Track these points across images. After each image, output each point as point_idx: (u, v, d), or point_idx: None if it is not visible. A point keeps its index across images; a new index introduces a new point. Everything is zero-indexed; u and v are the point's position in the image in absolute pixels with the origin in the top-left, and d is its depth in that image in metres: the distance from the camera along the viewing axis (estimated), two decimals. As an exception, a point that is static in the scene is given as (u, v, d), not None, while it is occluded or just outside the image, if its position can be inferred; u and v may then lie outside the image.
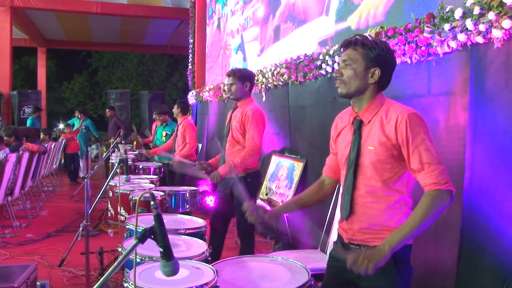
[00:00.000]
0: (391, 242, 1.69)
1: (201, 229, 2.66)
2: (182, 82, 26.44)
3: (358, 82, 1.84)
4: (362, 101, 1.88)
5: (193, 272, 1.88)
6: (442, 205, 1.70)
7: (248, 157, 3.59)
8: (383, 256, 1.66)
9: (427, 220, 1.69)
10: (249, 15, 7.17)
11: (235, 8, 8.00)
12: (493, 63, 2.41)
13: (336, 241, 2.05)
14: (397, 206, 1.82)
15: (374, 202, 1.83)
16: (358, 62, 1.84)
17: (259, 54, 6.70)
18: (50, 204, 7.70)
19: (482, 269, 2.38)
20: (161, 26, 14.01)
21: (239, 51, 7.81)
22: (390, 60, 1.84)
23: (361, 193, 1.86)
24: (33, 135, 7.36)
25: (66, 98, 31.91)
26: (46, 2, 11.52)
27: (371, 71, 1.83)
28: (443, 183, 1.70)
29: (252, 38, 7.05)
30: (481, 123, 2.48)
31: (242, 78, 3.72)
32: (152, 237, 1.34)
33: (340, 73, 1.88)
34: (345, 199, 1.90)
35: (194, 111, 10.45)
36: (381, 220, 1.82)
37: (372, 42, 1.84)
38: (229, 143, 3.77)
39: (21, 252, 4.78)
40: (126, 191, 4.04)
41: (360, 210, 1.86)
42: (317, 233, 3.85)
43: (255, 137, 3.63)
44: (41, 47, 16.61)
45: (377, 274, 1.67)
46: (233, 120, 3.76)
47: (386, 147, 1.79)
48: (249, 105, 3.75)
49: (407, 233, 1.69)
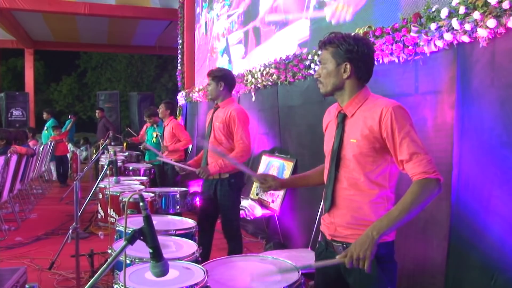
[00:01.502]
0: (379, 227, 1.70)
1: (191, 230, 2.66)
2: (172, 83, 26.38)
3: (332, 80, 1.89)
4: (344, 96, 1.92)
5: (183, 273, 1.88)
6: (431, 193, 1.72)
7: (238, 157, 3.58)
8: (373, 243, 1.67)
9: (416, 207, 1.71)
10: (234, 19, 7.25)
11: (220, 12, 8.06)
12: (479, 61, 2.44)
13: (320, 240, 2.07)
14: (380, 200, 1.84)
15: (357, 195, 1.86)
16: (328, 61, 1.89)
17: (244, 57, 6.78)
18: (39, 206, 7.64)
19: (471, 265, 2.41)
20: (150, 26, 13.94)
21: (224, 54, 7.90)
22: (361, 52, 1.85)
23: (343, 186, 1.89)
24: (22, 137, 7.31)
25: (54, 100, 31.67)
26: (33, 3, 11.40)
27: (342, 66, 1.87)
28: (432, 171, 1.72)
29: (237, 41, 7.15)
30: (468, 121, 2.51)
31: (216, 78, 3.71)
32: (141, 238, 1.34)
33: (318, 74, 1.94)
34: (327, 191, 1.94)
35: (184, 111, 10.43)
36: (363, 214, 1.83)
37: (340, 38, 1.87)
38: (211, 144, 3.74)
39: (10, 255, 4.74)
40: (116, 192, 4.02)
41: (342, 203, 1.88)
42: (308, 232, 3.87)
43: (243, 137, 3.63)
44: (28, 49, 16.42)
45: (362, 273, 1.69)
46: (215, 121, 3.74)
47: (368, 140, 1.81)
48: (231, 106, 3.74)
49: (395, 218, 1.71)
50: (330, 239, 1.94)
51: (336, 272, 1.91)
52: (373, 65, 1.93)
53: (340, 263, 1.74)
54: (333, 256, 1.85)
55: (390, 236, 1.85)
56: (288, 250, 3.63)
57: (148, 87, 28.67)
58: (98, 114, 11.23)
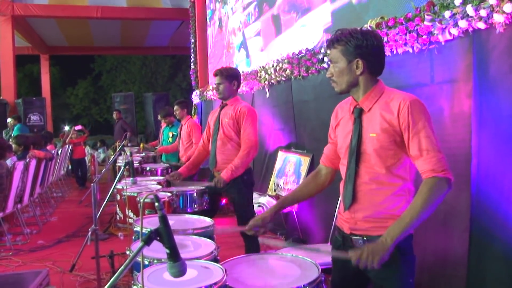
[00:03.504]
0: (393, 234, 1.69)
1: (209, 229, 2.66)
2: (186, 82, 26.50)
3: (346, 78, 1.87)
4: (359, 92, 1.89)
5: (202, 272, 1.87)
6: (440, 193, 1.70)
7: (245, 155, 3.58)
8: (386, 249, 1.66)
9: (426, 209, 1.69)
10: (250, 11, 7.15)
11: (235, 5, 7.99)
12: (496, 48, 2.39)
13: (336, 235, 2.05)
14: (402, 193, 1.83)
15: (379, 189, 1.83)
16: (339, 60, 1.87)
17: (263, 49, 6.68)
18: (60, 210, 7.74)
19: (494, 256, 2.37)
20: (162, 27, 14.02)
21: (241, 48, 7.80)
22: (371, 46, 1.83)
23: (364, 181, 1.87)
24: (40, 142, 7.40)
25: (71, 104, 32.09)
26: (46, 9, 11.56)
27: (354, 63, 1.84)
28: (441, 170, 1.70)
29: (255, 33, 7.03)
30: (486, 109, 2.45)
31: (230, 77, 3.69)
32: (158, 238, 1.33)
33: (330, 74, 1.92)
34: (347, 188, 1.91)
35: (199, 110, 10.46)
36: (386, 207, 1.82)
37: (347, 35, 1.84)
38: (221, 141, 3.73)
39: (33, 258, 4.81)
40: (133, 193, 4.04)
41: (364, 198, 1.86)
42: (327, 227, 3.84)
43: (250, 134, 3.62)
44: (44, 54, 16.68)
45: (384, 265, 1.68)
46: (224, 118, 3.73)
47: (388, 133, 1.80)
48: (240, 103, 3.75)
49: (407, 224, 1.69)
50: (349, 233, 1.92)
51: (355, 267, 1.88)
52: (384, 56, 1.91)
53: (350, 257, 1.72)
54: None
55: None
56: (307, 246, 3.61)
57: (162, 88, 28.84)
58: (116, 116, 11.32)
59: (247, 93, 6.68)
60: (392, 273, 1.80)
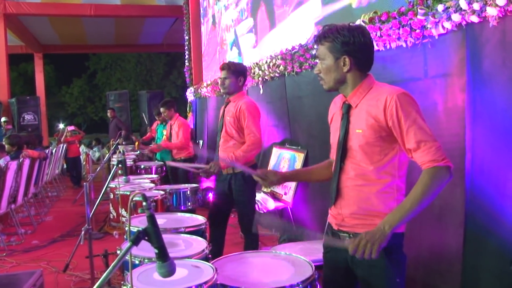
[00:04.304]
0: (391, 221, 1.67)
1: (201, 227, 2.64)
2: (181, 80, 26.44)
3: (333, 75, 1.85)
4: (348, 88, 1.87)
5: (192, 271, 1.85)
6: (442, 182, 1.69)
7: (250, 150, 3.56)
8: (384, 236, 1.65)
9: (427, 197, 1.67)
10: (243, 7, 7.10)
11: (228, 2, 7.94)
12: (489, 42, 2.37)
13: (326, 231, 2.03)
14: (389, 190, 1.81)
15: (365, 185, 1.82)
16: (326, 57, 1.84)
17: (255, 45, 6.64)
18: (55, 209, 7.70)
19: (489, 252, 2.35)
20: (156, 24, 13.95)
21: (233, 47, 7.76)
22: (358, 42, 1.80)
23: (350, 177, 1.85)
24: (34, 141, 7.35)
25: (66, 103, 31.97)
26: (39, 7, 11.47)
27: (341, 60, 1.82)
28: (441, 159, 1.69)
29: (247, 30, 6.97)
30: (480, 103, 2.44)
31: (237, 72, 3.65)
32: (146, 238, 1.31)
33: (318, 70, 1.90)
34: (333, 183, 1.90)
35: (194, 108, 10.42)
36: (371, 204, 1.80)
37: (334, 31, 1.82)
38: (223, 139, 3.72)
39: (27, 259, 4.78)
40: (126, 192, 4.01)
41: (350, 194, 1.85)
42: (321, 223, 3.82)
43: (254, 130, 3.59)
44: (37, 53, 16.56)
45: (369, 264, 1.68)
46: (227, 115, 3.71)
47: (374, 129, 1.77)
48: (242, 99, 3.69)
49: (407, 210, 1.68)
50: (337, 229, 1.91)
51: (344, 264, 1.88)
52: (372, 52, 1.87)
53: (345, 247, 1.70)
54: (339, 248, 1.84)
55: (400, 228, 1.81)
56: (302, 243, 3.58)
57: (157, 85, 28.77)
58: (110, 114, 11.26)
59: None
60: (377, 272, 1.78)
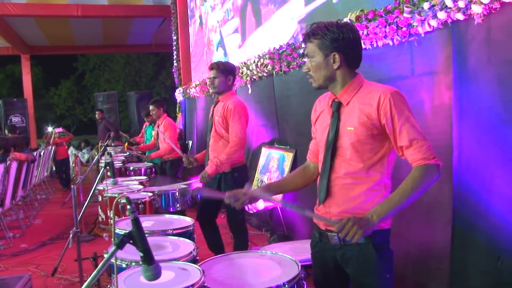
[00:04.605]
0: (379, 211, 1.69)
1: (189, 228, 2.62)
2: (170, 80, 26.28)
3: (323, 72, 1.84)
4: (337, 86, 1.86)
5: (179, 274, 1.83)
6: (431, 179, 1.72)
7: (233, 152, 3.55)
8: (370, 225, 1.67)
9: (416, 192, 1.70)
10: (229, 7, 7.09)
11: (215, 2, 7.93)
12: (475, 39, 2.38)
13: (313, 231, 2.03)
14: (377, 188, 1.82)
15: (355, 184, 1.82)
16: (316, 54, 1.83)
17: (241, 45, 6.63)
18: (44, 212, 7.63)
19: (476, 248, 2.36)
20: (144, 25, 13.84)
21: (219, 47, 7.77)
22: (347, 39, 1.80)
23: (339, 175, 1.85)
24: (21, 144, 7.27)
25: (54, 104, 31.70)
26: (25, 8, 11.32)
27: (331, 57, 1.81)
28: (432, 157, 1.72)
29: (233, 30, 6.97)
30: (466, 100, 2.45)
31: (226, 71, 3.64)
32: (131, 242, 1.29)
33: (307, 68, 1.88)
34: (322, 182, 1.89)
35: (183, 108, 10.37)
36: (360, 202, 1.80)
37: (323, 28, 1.81)
38: (213, 139, 3.72)
39: (16, 263, 4.72)
40: (115, 194, 3.98)
41: (339, 193, 1.84)
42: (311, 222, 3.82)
43: (238, 131, 3.57)
44: (24, 54, 16.34)
45: (360, 262, 1.70)
46: (215, 115, 3.70)
47: (366, 127, 1.78)
48: (230, 99, 3.68)
49: (396, 203, 1.70)
50: (325, 229, 1.90)
51: (334, 262, 1.89)
52: (361, 49, 1.88)
53: (333, 223, 1.71)
54: (328, 248, 1.87)
55: (386, 224, 1.82)
56: (292, 242, 3.58)
57: (146, 86, 28.63)
58: (98, 116, 11.18)
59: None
60: (368, 269, 1.79)
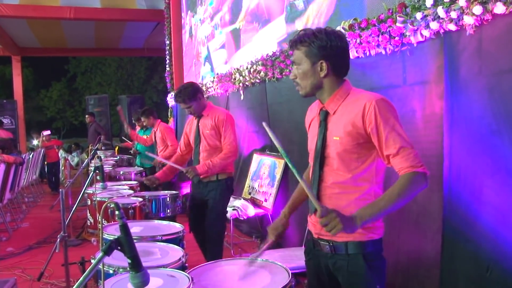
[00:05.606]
0: (363, 215, 1.65)
1: (178, 235, 2.59)
2: (162, 84, 26.19)
3: (310, 80, 1.81)
4: (324, 94, 1.84)
5: (167, 281, 1.81)
6: (418, 187, 1.69)
7: (226, 158, 3.59)
8: (351, 226, 1.62)
9: (402, 199, 1.67)
10: (217, 22, 7.14)
11: (204, 16, 7.96)
12: (466, 50, 2.40)
13: (308, 238, 2.02)
14: (367, 197, 1.79)
15: (343, 193, 1.80)
16: (303, 61, 1.81)
17: (226, 61, 6.70)
18: (31, 215, 7.55)
19: (466, 257, 2.37)
20: (137, 28, 13.81)
21: (206, 62, 7.86)
22: (335, 47, 1.77)
23: (328, 185, 1.83)
24: (10, 146, 7.19)
25: (45, 106, 31.43)
26: (17, 9, 11.23)
27: (318, 65, 1.79)
28: (419, 165, 1.69)
29: (220, 45, 7.04)
30: (457, 110, 2.46)
31: (192, 97, 3.62)
32: (118, 248, 1.27)
33: (294, 76, 1.86)
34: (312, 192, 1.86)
35: (175, 113, 10.34)
36: (350, 211, 1.76)
37: (311, 35, 1.78)
38: (207, 153, 3.68)
39: (1, 267, 4.66)
40: (104, 198, 3.94)
41: (328, 202, 1.80)
42: (301, 230, 3.81)
43: (232, 140, 3.63)
44: (15, 56, 16.22)
45: (350, 272, 1.69)
46: (204, 130, 3.69)
47: (352, 136, 1.76)
48: (215, 111, 3.73)
49: (380, 209, 1.67)
50: (317, 238, 1.89)
51: (327, 270, 1.87)
52: (349, 57, 1.86)
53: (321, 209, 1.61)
54: (321, 255, 1.86)
55: (377, 234, 1.81)
56: (282, 250, 3.58)
57: (138, 90, 28.51)
58: (88, 119, 11.10)
59: (222, 95, 6.63)
60: (357, 280, 1.78)
